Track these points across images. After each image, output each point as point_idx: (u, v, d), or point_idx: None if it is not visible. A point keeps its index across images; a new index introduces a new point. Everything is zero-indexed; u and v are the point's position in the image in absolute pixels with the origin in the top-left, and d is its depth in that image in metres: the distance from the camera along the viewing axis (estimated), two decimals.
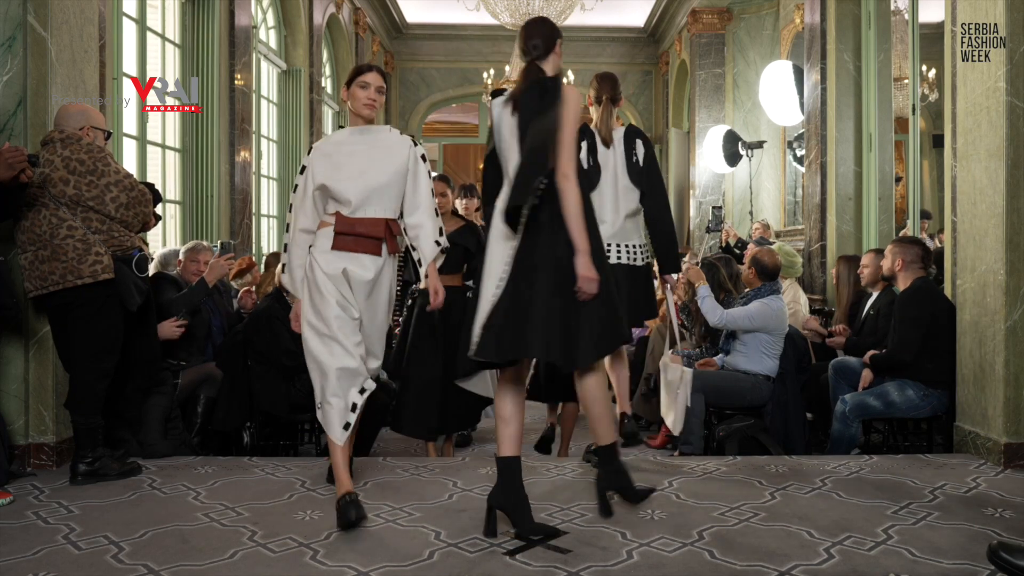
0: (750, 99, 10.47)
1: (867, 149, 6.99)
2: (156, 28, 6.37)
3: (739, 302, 4.80)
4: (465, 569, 2.67)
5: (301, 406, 4.52)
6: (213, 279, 4.55)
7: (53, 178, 3.54)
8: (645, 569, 2.66)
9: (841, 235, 7.04)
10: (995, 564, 2.52)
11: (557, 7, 9.58)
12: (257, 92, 8.11)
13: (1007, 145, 3.87)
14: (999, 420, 3.90)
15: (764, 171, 10.24)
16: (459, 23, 12.65)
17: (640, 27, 13.28)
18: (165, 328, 4.29)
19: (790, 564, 2.69)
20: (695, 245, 9.79)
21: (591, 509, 3.23)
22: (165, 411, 4.22)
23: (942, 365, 4.31)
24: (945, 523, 3.09)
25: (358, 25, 10.99)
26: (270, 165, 8.80)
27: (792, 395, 4.72)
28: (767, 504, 3.32)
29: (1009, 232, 3.87)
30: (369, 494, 3.46)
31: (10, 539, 2.93)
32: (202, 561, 2.73)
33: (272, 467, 3.90)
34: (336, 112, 10.92)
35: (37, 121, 3.81)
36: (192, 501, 3.38)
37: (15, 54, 3.77)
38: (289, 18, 8.86)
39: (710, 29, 10.92)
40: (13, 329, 3.75)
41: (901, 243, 4.66)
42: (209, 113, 6.63)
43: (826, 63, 7.19)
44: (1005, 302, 3.88)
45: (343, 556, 2.76)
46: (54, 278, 3.54)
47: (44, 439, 3.85)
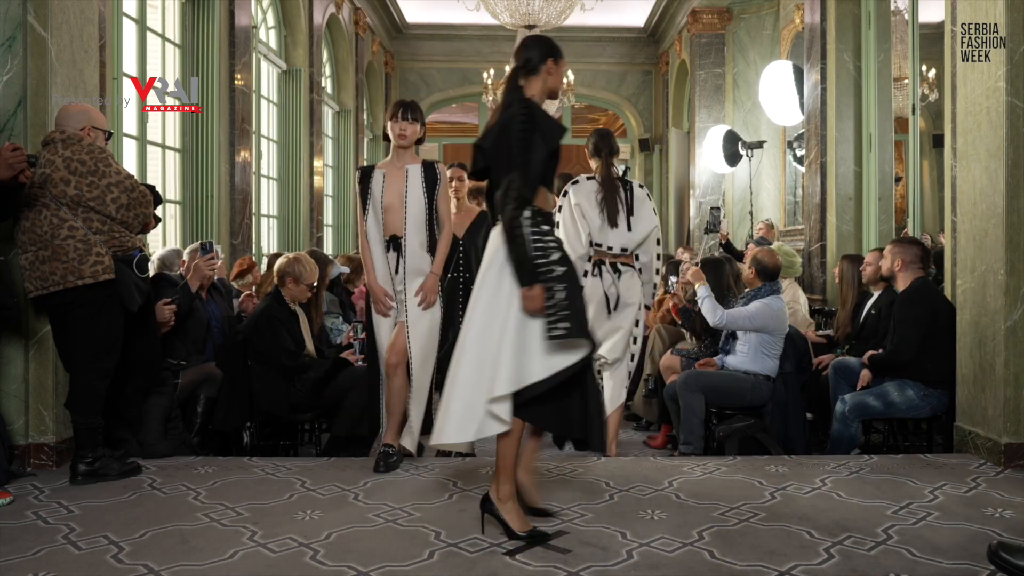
0: (750, 99, 10.48)
1: (867, 149, 6.99)
2: (156, 28, 6.37)
3: (739, 302, 4.81)
4: (465, 569, 2.67)
5: (301, 406, 4.52)
6: (195, 282, 4.53)
7: (54, 178, 3.54)
8: (645, 569, 2.66)
9: (841, 235, 7.04)
10: (995, 564, 2.52)
11: (557, 7, 9.57)
12: (257, 92, 8.11)
13: (1007, 145, 3.87)
14: (999, 420, 3.90)
15: (764, 171, 10.24)
16: (459, 23, 12.65)
17: (640, 27, 13.28)
18: (157, 310, 4.25)
19: (790, 564, 2.69)
20: (695, 245, 9.79)
21: (591, 509, 3.23)
22: (165, 411, 4.22)
23: (942, 365, 4.31)
24: (945, 523, 3.09)
25: (358, 25, 10.99)
26: (270, 165, 8.79)
27: (792, 395, 4.72)
28: (767, 504, 3.32)
29: (1009, 232, 3.87)
30: (369, 494, 3.46)
31: (10, 539, 2.93)
32: (202, 561, 2.73)
33: (272, 467, 3.90)
34: (336, 112, 10.92)
35: (37, 121, 3.81)
36: (192, 501, 3.38)
37: (15, 54, 3.77)
38: (289, 18, 8.86)
39: (710, 29, 10.92)
40: (13, 329, 3.75)
41: (900, 243, 4.66)
42: (209, 113, 6.62)
43: (826, 63, 7.19)
44: (1005, 302, 3.88)
45: (343, 556, 2.76)
46: (55, 278, 3.54)
47: (44, 439, 3.85)
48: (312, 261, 4.74)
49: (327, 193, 10.43)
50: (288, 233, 8.87)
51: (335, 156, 10.96)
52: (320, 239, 9.29)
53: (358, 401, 4.41)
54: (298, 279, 4.57)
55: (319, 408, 4.62)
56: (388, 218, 3.90)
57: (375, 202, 3.90)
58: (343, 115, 11.04)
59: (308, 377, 4.49)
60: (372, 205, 3.91)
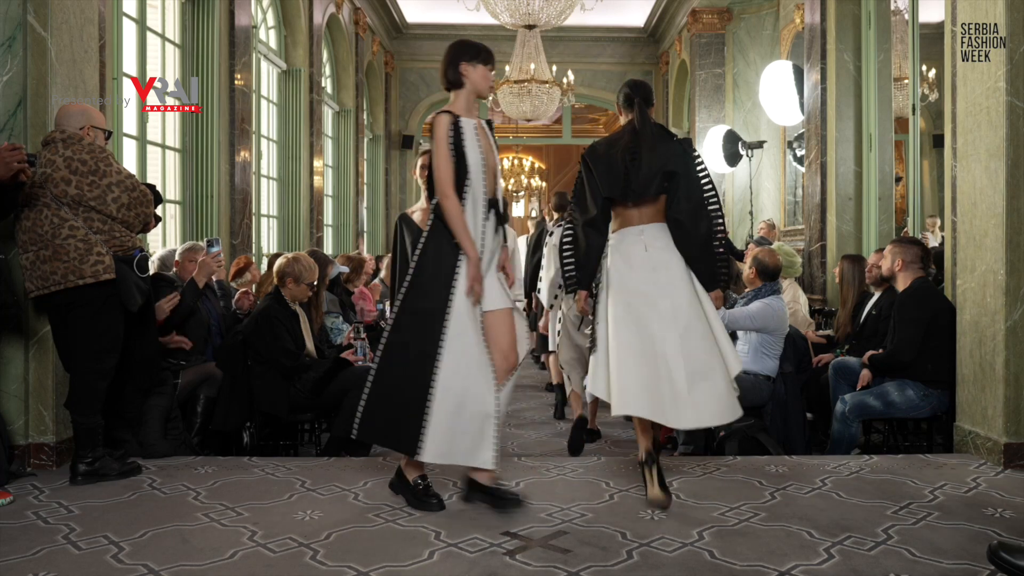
0: (750, 99, 10.48)
1: (867, 149, 6.99)
2: (156, 28, 6.37)
3: (740, 302, 4.81)
4: (465, 569, 2.67)
5: (301, 406, 4.52)
6: (203, 278, 4.55)
7: (55, 178, 3.54)
8: (645, 569, 2.66)
9: (841, 235, 7.04)
10: (995, 564, 2.52)
11: (557, 7, 9.56)
12: (257, 92, 8.11)
13: (1007, 145, 3.87)
14: (999, 420, 3.90)
15: (764, 171, 10.24)
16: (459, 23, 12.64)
17: (640, 27, 13.28)
18: (157, 309, 4.24)
19: (790, 564, 2.69)
20: None
21: (591, 509, 3.24)
22: (165, 411, 4.22)
23: (942, 365, 4.31)
24: (945, 523, 3.09)
25: (358, 25, 10.99)
26: (270, 165, 8.80)
27: (792, 395, 4.72)
28: (767, 504, 3.32)
29: (1009, 232, 3.87)
30: (369, 494, 3.46)
31: (10, 539, 2.93)
32: (202, 561, 2.73)
33: (272, 467, 3.90)
34: (336, 112, 10.92)
35: (37, 121, 3.81)
36: (192, 501, 3.38)
37: (15, 54, 3.78)
38: (289, 18, 8.86)
39: (710, 29, 10.93)
40: (13, 329, 3.75)
41: (901, 243, 4.66)
42: (209, 113, 6.62)
43: (826, 63, 7.19)
44: (1005, 302, 3.88)
45: (343, 556, 2.76)
46: (55, 278, 3.54)
47: (44, 439, 3.85)
48: (311, 260, 4.74)
49: (327, 193, 10.43)
50: (288, 233, 8.88)
51: (335, 156, 10.97)
52: (320, 239, 9.29)
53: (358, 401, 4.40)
54: (298, 279, 4.57)
55: (319, 408, 4.63)
56: (490, 179, 3.30)
57: (476, 160, 3.23)
58: (343, 115, 11.04)
59: (308, 377, 4.49)
60: (474, 163, 3.22)
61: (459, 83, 3.31)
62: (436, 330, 3.13)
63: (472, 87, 3.31)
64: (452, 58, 3.31)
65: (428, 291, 3.18)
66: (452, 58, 3.31)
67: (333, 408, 4.58)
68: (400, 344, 3.19)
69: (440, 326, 3.13)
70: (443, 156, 3.19)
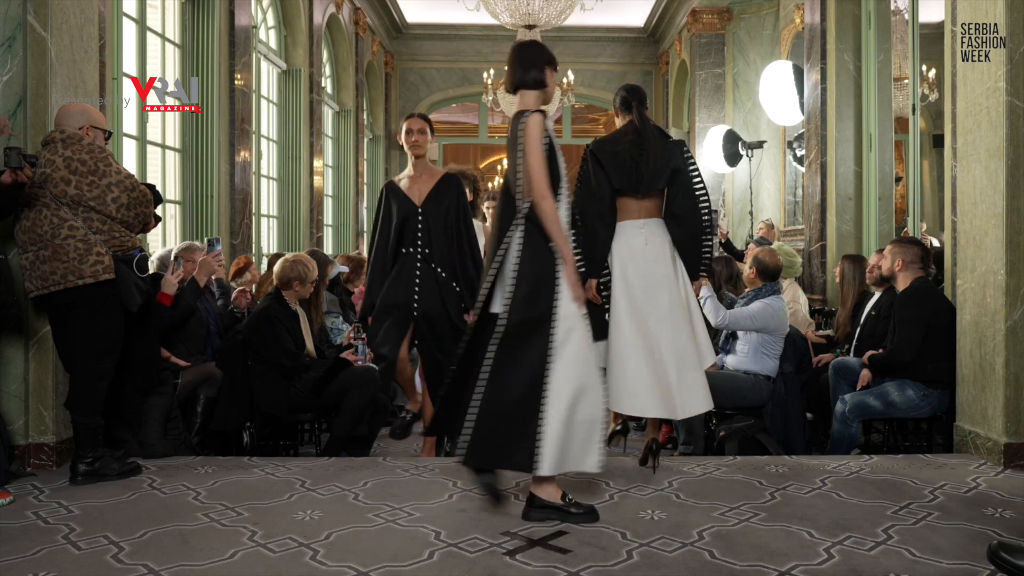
0: (750, 99, 10.47)
1: (867, 149, 6.99)
2: (156, 28, 6.37)
3: (740, 302, 4.81)
4: (465, 569, 2.67)
5: (301, 406, 4.52)
6: (204, 277, 4.55)
7: (54, 178, 3.54)
8: (645, 569, 2.66)
9: (841, 235, 7.04)
10: (995, 564, 2.52)
11: (557, 7, 9.56)
12: (257, 92, 8.11)
13: (1007, 145, 3.87)
14: (999, 420, 3.90)
15: (764, 171, 10.24)
16: (459, 23, 12.65)
17: (640, 27, 13.27)
18: (165, 281, 4.28)
19: (790, 564, 2.69)
20: None
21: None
22: (165, 411, 4.22)
23: (942, 365, 4.31)
24: (945, 523, 3.09)
25: (358, 25, 10.98)
26: (270, 165, 8.79)
27: (792, 395, 4.72)
28: (767, 504, 3.32)
29: (1009, 232, 3.87)
30: (369, 494, 3.46)
31: (10, 539, 2.93)
32: (202, 561, 2.73)
33: (272, 467, 3.90)
34: (336, 112, 10.92)
35: (37, 121, 3.81)
36: (192, 501, 3.38)
37: (15, 54, 3.78)
38: (289, 18, 8.85)
39: (710, 29, 10.92)
40: (13, 329, 3.75)
41: (900, 243, 4.66)
42: (209, 113, 6.62)
43: (826, 63, 7.19)
44: (1005, 302, 3.88)
45: (343, 556, 2.76)
46: (55, 278, 3.54)
47: (44, 439, 3.85)
48: (308, 257, 4.80)
49: (327, 193, 10.43)
50: (288, 233, 8.87)
51: (335, 156, 10.96)
52: (320, 239, 9.29)
53: (358, 401, 4.42)
54: (303, 280, 4.60)
55: (319, 408, 4.63)
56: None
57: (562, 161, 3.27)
58: (343, 115, 11.04)
59: (308, 377, 4.49)
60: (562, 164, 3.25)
61: (542, 85, 3.28)
62: (544, 339, 3.04)
63: (550, 91, 3.32)
64: (538, 60, 3.27)
65: (535, 300, 3.08)
66: (538, 60, 3.27)
67: (333, 408, 4.58)
68: (511, 360, 3.05)
69: (548, 334, 3.04)
70: (539, 156, 3.12)
